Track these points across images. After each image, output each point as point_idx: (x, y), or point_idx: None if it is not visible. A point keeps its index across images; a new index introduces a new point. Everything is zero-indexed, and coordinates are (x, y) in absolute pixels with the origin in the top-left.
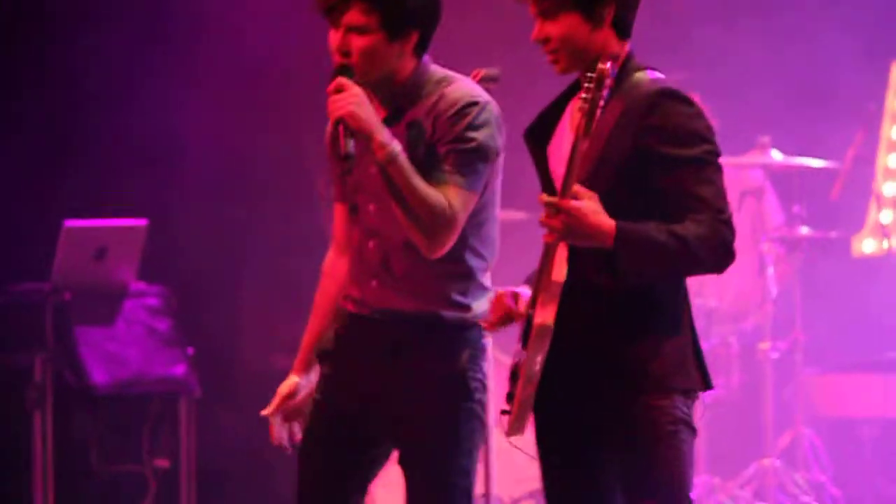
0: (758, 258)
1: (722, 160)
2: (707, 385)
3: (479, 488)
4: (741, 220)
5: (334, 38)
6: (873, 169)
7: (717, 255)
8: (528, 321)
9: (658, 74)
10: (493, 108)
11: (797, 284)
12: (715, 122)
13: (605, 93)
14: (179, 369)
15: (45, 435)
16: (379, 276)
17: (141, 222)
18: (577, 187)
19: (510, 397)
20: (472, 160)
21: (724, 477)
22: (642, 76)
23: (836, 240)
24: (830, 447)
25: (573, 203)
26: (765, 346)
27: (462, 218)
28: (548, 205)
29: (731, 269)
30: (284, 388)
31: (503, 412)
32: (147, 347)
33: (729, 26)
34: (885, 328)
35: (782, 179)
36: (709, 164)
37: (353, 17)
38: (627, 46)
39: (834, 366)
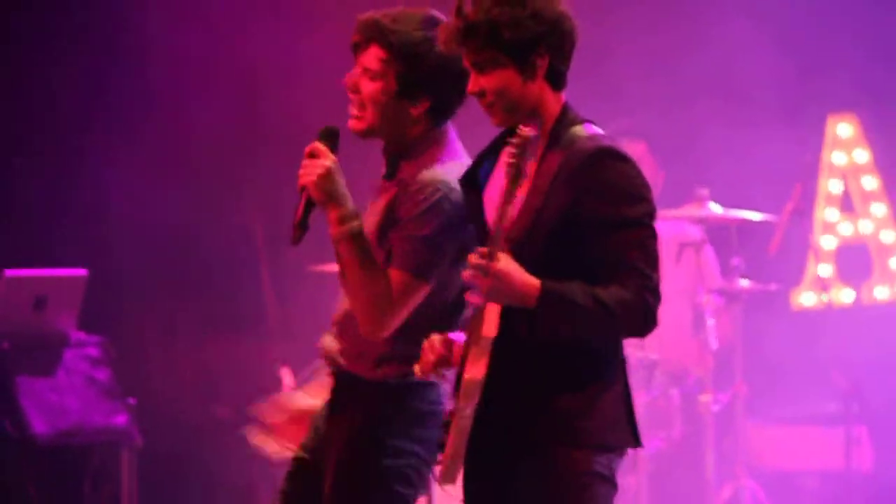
0: (697, 311)
1: (661, 213)
2: (636, 442)
3: None
4: (680, 272)
5: (349, 74)
6: (811, 222)
7: (639, 321)
8: (459, 375)
9: (595, 129)
10: (454, 196)
11: (737, 337)
12: (664, 174)
13: (526, 159)
14: (121, 419)
15: None
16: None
17: (81, 272)
18: (501, 254)
19: (441, 447)
20: (423, 249)
21: None
22: (579, 131)
23: (776, 292)
24: (772, 499)
25: (499, 266)
26: (706, 398)
27: (403, 308)
28: (475, 266)
29: (672, 322)
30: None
31: (436, 462)
32: (87, 397)
33: (670, 77)
34: (823, 381)
35: (721, 232)
36: (644, 226)
37: (369, 59)
38: (563, 97)
39: (774, 418)
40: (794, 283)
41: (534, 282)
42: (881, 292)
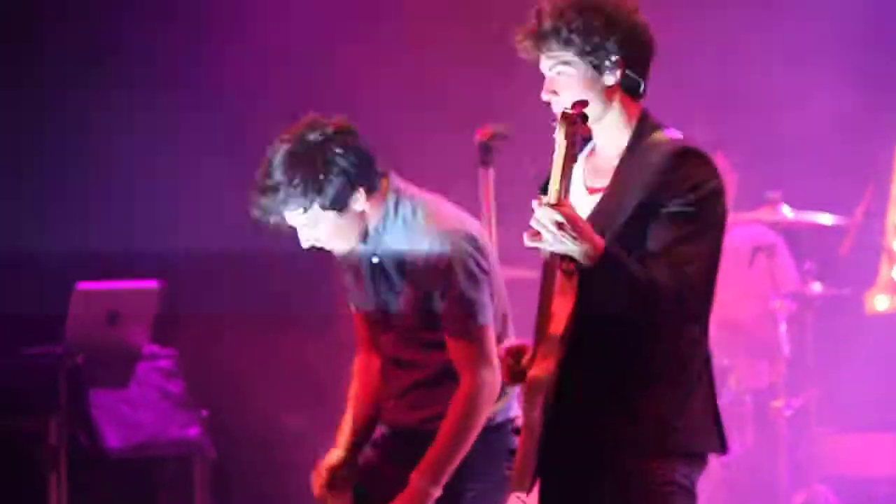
0: (770, 315)
1: (734, 216)
2: (723, 447)
3: None
4: (752, 276)
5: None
6: (883, 224)
7: (674, 307)
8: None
9: (676, 133)
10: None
11: (810, 342)
12: (736, 176)
13: (575, 135)
14: (193, 431)
15: (60, 498)
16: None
17: (153, 284)
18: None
19: (513, 453)
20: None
21: None
22: (660, 136)
23: (848, 296)
24: None
25: (566, 211)
26: (778, 403)
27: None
28: (543, 207)
29: (744, 327)
30: (328, 460)
31: (508, 468)
32: (160, 410)
33: (737, 76)
34: None
35: (793, 235)
36: (706, 224)
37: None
38: (641, 105)
39: (847, 424)
40: (867, 287)
41: (598, 239)
42: None
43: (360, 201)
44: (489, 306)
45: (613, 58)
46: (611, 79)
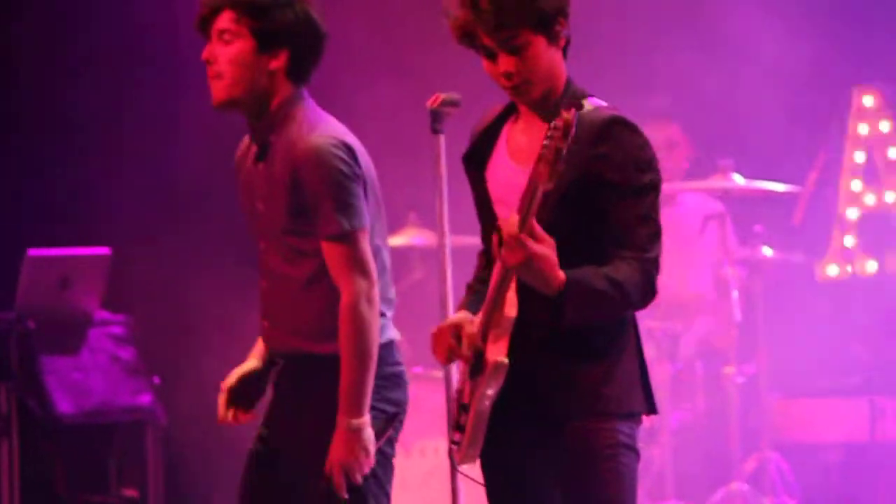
0: (721, 282)
1: (685, 185)
2: (651, 409)
3: None
4: (704, 244)
5: (206, 49)
6: (836, 192)
7: (645, 296)
8: (479, 355)
9: (599, 101)
10: (351, 144)
11: (761, 308)
12: (695, 154)
13: (568, 143)
14: (145, 398)
15: (12, 464)
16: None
17: (104, 251)
18: (538, 229)
19: (460, 428)
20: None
21: (692, 501)
22: (586, 104)
23: (800, 263)
24: (796, 471)
25: (536, 247)
26: (730, 370)
27: (369, 264)
28: (510, 238)
29: (696, 294)
30: (241, 368)
31: (453, 442)
32: (112, 376)
33: (690, 52)
34: (849, 353)
35: (745, 203)
36: (650, 195)
37: (223, 23)
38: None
39: (798, 390)
40: (819, 255)
41: (560, 274)
42: None
43: (279, 61)
44: (364, 213)
45: (562, 16)
46: (560, 40)
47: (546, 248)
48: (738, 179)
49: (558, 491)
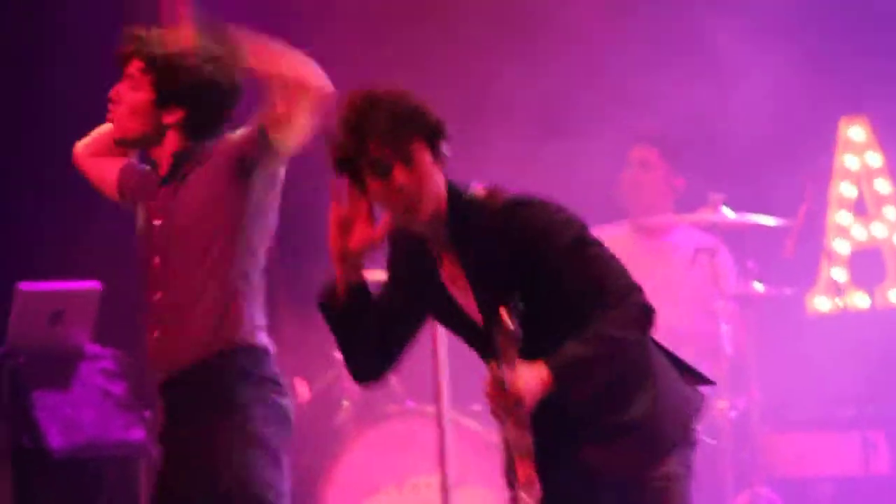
0: (712, 316)
1: (675, 218)
2: (698, 409)
3: None
4: (694, 277)
5: (115, 87)
6: (824, 225)
7: (643, 322)
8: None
9: (478, 186)
10: None
11: (752, 342)
12: (682, 180)
13: (516, 328)
14: (137, 433)
15: (3, 499)
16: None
17: (95, 285)
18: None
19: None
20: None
21: None
22: (471, 196)
23: (791, 297)
24: None
25: (516, 391)
26: (722, 404)
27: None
28: (498, 406)
29: (686, 328)
30: None
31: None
32: (103, 411)
33: (680, 81)
34: (839, 386)
35: (735, 237)
36: (583, 244)
37: (131, 69)
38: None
39: (789, 424)
40: (810, 288)
41: (540, 374)
42: None
43: (173, 117)
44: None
45: (443, 134)
46: (442, 155)
47: (523, 384)
48: (728, 213)
49: None
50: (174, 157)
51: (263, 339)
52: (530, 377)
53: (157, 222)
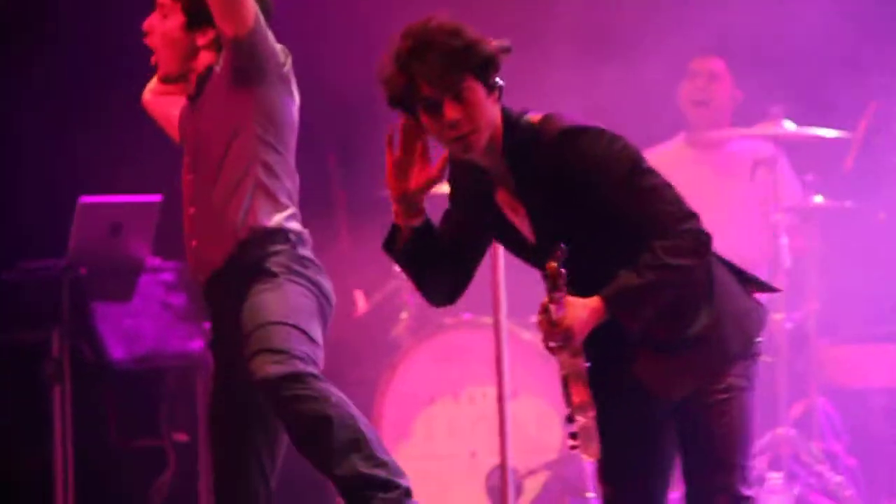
0: (772, 228)
1: (735, 131)
2: (761, 323)
3: (495, 459)
4: (754, 190)
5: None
6: (887, 139)
7: (695, 252)
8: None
9: (533, 114)
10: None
11: (812, 255)
12: (740, 93)
13: (564, 290)
14: (196, 344)
15: (64, 409)
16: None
17: (155, 198)
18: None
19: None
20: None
21: None
22: (525, 123)
23: (850, 210)
24: (843, 416)
25: (566, 323)
26: (779, 316)
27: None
28: (546, 332)
29: (745, 240)
30: None
31: (572, 447)
32: (163, 322)
33: None
34: (894, 301)
35: (795, 150)
36: (637, 174)
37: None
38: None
39: (847, 337)
40: (869, 200)
41: (594, 304)
42: None
43: (205, 37)
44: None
45: (497, 66)
46: (496, 88)
47: (572, 311)
48: (789, 126)
49: (673, 442)
50: (198, 77)
51: (292, 223)
52: (581, 309)
53: (187, 139)
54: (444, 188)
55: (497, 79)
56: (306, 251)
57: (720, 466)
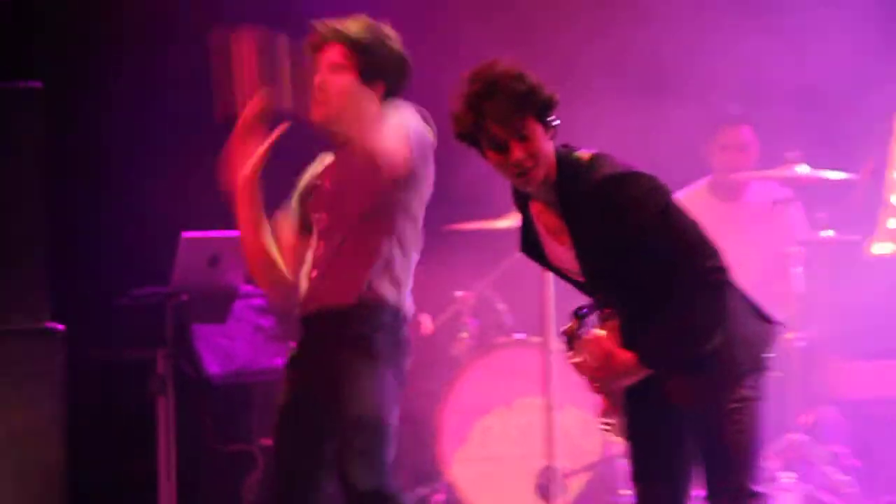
0: (786, 259)
1: (755, 174)
2: (769, 341)
3: (543, 461)
4: (771, 226)
5: (317, 76)
6: (884, 181)
7: (714, 307)
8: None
9: (588, 150)
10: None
11: (822, 283)
12: (759, 145)
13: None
14: (281, 360)
15: (168, 419)
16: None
17: None
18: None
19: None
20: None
21: None
22: (581, 163)
23: (856, 242)
24: (851, 424)
25: (612, 370)
26: (791, 335)
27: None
28: (594, 377)
29: (761, 271)
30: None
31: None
32: (254, 342)
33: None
34: (892, 321)
35: (808, 190)
36: (667, 215)
37: (333, 56)
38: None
39: (855, 353)
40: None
41: (627, 358)
42: None
43: (378, 90)
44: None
45: (553, 108)
46: (552, 127)
47: (611, 367)
48: (803, 169)
49: (694, 446)
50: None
51: (406, 303)
52: (617, 370)
53: (326, 183)
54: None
55: (553, 119)
56: (405, 333)
57: (734, 467)
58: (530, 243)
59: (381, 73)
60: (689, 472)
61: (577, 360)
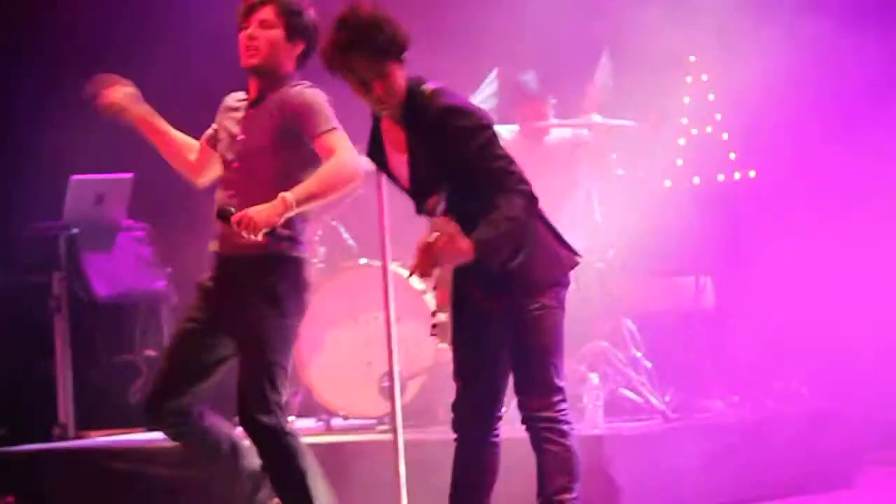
0: (588, 194)
1: (557, 122)
2: (571, 263)
3: (385, 367)
4: (571, 166)
5: (243, 36)
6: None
7: (527, 209)
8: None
9: (435, 84)
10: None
11: (614, 212)
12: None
13: (442, 212)
14: (161, 283)
15: (64, 333)
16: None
17: (128, 175)
18: (441, 222)
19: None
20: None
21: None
22: (423, 93)
23: (645, 179)
24: (641, 331)
25: (454, 247)
26: (591, 258)
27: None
28: (421, 249)
29: (564, 205)
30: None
31: (432, 335)
32: (136, 268)
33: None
34: (674, 245)
35: (602, 135)
36: (488, 146)
37: (266, 14)
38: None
39: (641, 272)
40: (658, 172)
41: (467, 247)
42: None
43: (297, 49)
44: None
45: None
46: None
47: (448, 240)
48: (596, 118)
49: (507, 348)
50: (261, 88)
51: (305, 251)
52: (458, 249)
53: (241, 136)
54: None
55: (406, 56)
56: (308, 274)
57: (539, 365)
58: (376, 151)
59: (303, 34)
60: (504, 371)
61: (430, 238)
